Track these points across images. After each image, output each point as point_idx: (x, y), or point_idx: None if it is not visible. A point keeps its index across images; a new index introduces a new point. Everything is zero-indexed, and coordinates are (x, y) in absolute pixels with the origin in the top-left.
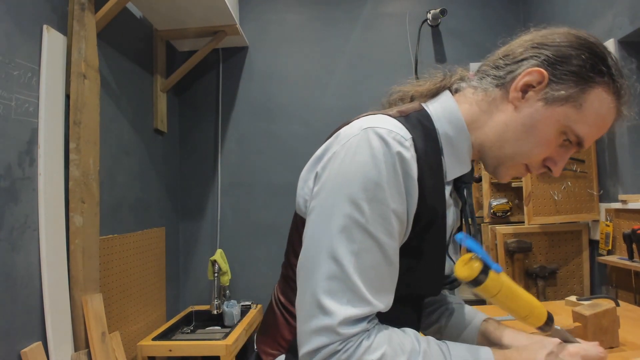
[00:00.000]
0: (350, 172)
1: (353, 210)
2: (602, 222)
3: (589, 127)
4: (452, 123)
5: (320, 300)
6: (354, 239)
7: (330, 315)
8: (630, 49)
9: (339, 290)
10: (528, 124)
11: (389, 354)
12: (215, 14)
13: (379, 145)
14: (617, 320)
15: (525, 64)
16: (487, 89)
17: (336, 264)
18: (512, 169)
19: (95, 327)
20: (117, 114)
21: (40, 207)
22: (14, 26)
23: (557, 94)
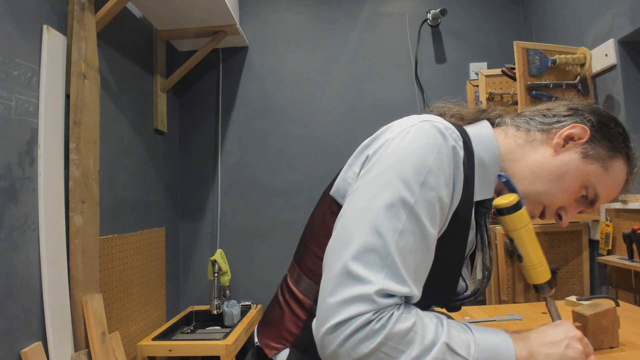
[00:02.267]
0: (404, 154)
1: (403, 189)
2: (602, 222)
3: (606, 189)
4: (487, 148)
5: (354, 270)
6: (400, 218)
7: (367, 284)
8: (630, 49)
9: (377, 264)
10: (562, 170)
11: (419, 323)
12: (215, 14)
13: (437, 135)
14: (617, 320)
15: (572, 119)
16: (530, 130)
17: (378, 237)
18: (532, 206)
19: (95, 327)
20: (117, 114)
21: (40, 207)
22: (14, 26)
23: (593, 152)
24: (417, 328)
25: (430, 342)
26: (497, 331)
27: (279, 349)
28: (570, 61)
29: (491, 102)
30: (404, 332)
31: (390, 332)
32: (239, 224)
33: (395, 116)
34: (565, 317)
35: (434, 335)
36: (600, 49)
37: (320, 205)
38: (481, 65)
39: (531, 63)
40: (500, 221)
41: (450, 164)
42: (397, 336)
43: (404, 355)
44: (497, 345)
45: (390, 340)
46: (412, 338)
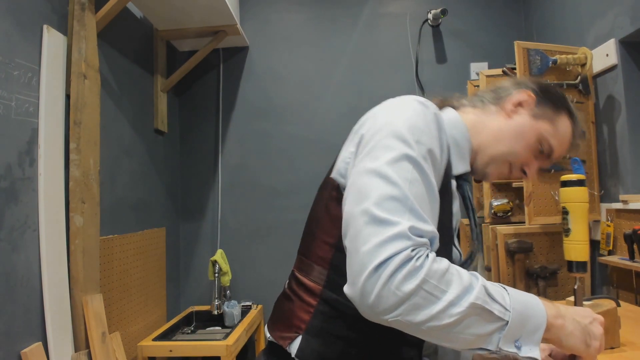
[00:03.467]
0: (395, 121)
1: (403, 146)
2: (603, 222)
3: (558, 142)
4: (456, 128)
5: (380, 215)
6: (407, 169)
7: (397, 224)
8: (631, 49)
9: (399, 209)
10: (518, 130)
11: (452, 265)
12: (216, 14)
13: (419, 105)
14: (618, 320)
15: (519, 87)
16: (485, 105)
17: (393, 185)
18: (500, 166)
19: (96, 327)
20: (118, 114)
21: (40, 207)
22: (14, 26)
23: (541, 112)
24: (453, 270)
25: (468, 284)
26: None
27: (292, 338)
28: (571, 61)
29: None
30: (442, 272)
31: (430, 269)
32: (239, 224)
33: None
34: None
35: (470, 279)
36: (601, 49)
37: (321, 193)
38: (482, 65)
39: (532, 63)
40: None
41: (435, 127)
42: (437, 274)
43: (446, 294)
44: (529, 299)
45: (432, 279)
46: (450, 278)
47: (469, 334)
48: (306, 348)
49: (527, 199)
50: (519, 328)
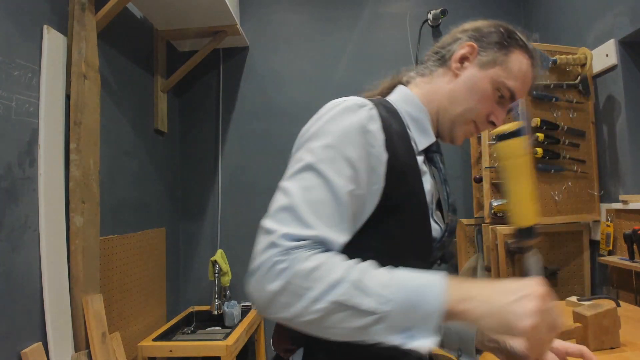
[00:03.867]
0: (310, 131)
1: (308, 155)
2: (602, 222)
3: (516, 81)
4: (409, 103)
5: (266, 226)
6: (304, 177)
7: (272, 233)
8: (631, 49)
9: (285, 219)
10: (470, 85)
11: (327, 263)
12: (216, 14)
13: (339, 108)
14: (618, 320)
15: (459, 42)
16: (432, 70)
17: (286, 196)
18: (465, 126)
19: (96, 327)
20: (118, 114)
21: (40, 207)
22: (14, 26)
23: (487, 59)
24: (325, 266)
25: (336, 280)
26: (434, 273)
27: (293, 350)
28: (571, 61)
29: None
30: (309, 270)
31: (295, 270)
32: (239, 225)
33: None
34: (566, 317)
35: (343, 273)
36: (600, 49)
37: None
38: None
39: None
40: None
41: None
42: (302, 274)
43: (310, 291)
44: (423, 283)
45: (296, 278)
46: (318, 276)
47: (342, 328)
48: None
49: None
50: (404, 318)
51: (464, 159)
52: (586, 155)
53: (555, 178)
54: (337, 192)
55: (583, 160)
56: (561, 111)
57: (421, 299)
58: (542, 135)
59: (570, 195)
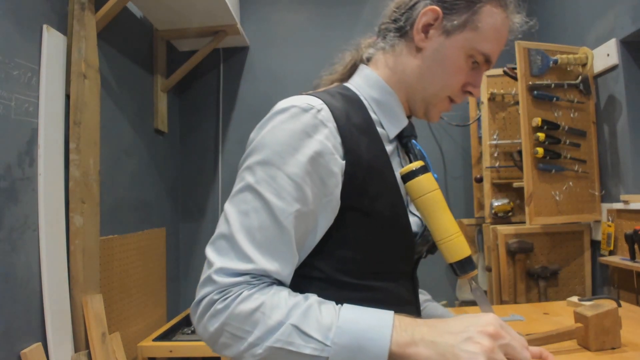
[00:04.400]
0: (255, 142)
1: (247, 174)
2: (603, 222)
3: (491, 43)
4: (373, 87)
5: (208, 255)
6: (244, 200)
7: (210, 265)
8: (632, 49)
9: (223, 248)
10: (439, 59)
11: (267, 304)
12: (216, 13)
13: (282, 117)
14: (619, 321)
15: (418, 7)
16: (394, 44)
17: (225, 223)
18: (440, 105)
19: (96, 327)
20: (118, 114)
21: (40, 207)
22: (13, 26)
23: (454, 23)
24: (264, 308)
25: (275, 323)
26: (381, 313)
27: None
28: (572, 61)
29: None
30: (247, 313)
31: (232, 312)
32: None
33: None
34: (567, 317)
35: (283, 316)
36: (602, 48)
37: None
38: None
39: (533, 63)
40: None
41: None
42: (240, 316)
43: (249, 335)
44: (369, 327)
45: (234, 321)
46: (257, 319)
47: None
48: None
49: (527, 200)
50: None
51: (465, 159)
52: (587, 155)
53: (556, 178)
54: (278, 215)
55: (584, 160)
56: (562, 111)
57: (365, 344)
58: (543, 135)
59: (571, 195)
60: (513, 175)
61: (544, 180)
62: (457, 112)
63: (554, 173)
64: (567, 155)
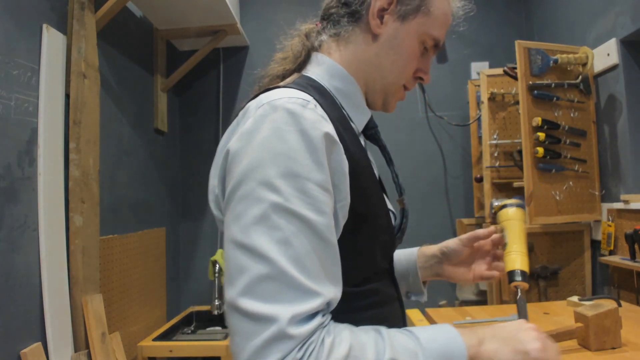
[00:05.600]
0: (255, 153)
1: (267, 193)
2: (604, 222)
3: (440, 27)
4: (335, 77)
5: (251, 310)
6: (277, 226)
7: (274, 321)
8: (632, 48)
9: (276, 292)
10: (395, 45)
11: (354, 346)
12: (216, 13)
13: (281, 115)
14: (619, 320)
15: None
16: (347, 29)
17: (262, 260)
18: (396, 93)
19: (96, 327)
20: (117, 113)
21: (40, 207)
22: (13, 25)
23: (408, 8)
24: (355, 352)
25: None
26: (442, 327)
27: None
28: (572, 61)
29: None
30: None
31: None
32: None
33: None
34: (568, 317)
35: (376, 353)
36: (602, 48)
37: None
38: (483, 64)
39: (533, 63)
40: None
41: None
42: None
43: None
44: (446, 342)
45: None
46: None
47: None
48: None
49: (527, 199)
50: None
51: (465, 159)
52: (587, 155)
53: (556, 178)
54: (323, 233)
55: (584, 160)
56: (562, 110)
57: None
58: (543, 135)
59: (572, 194)
60: (513, 175)
61: (544, 180)
62: (457, 112)
63: (554, 173)
64: (567, 155)
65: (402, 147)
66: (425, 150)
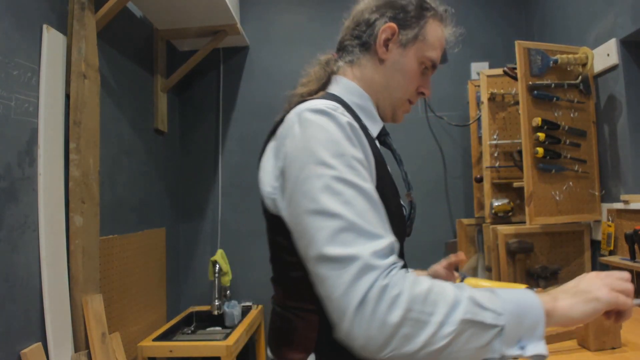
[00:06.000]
0: (306, 144)
1: (325, 169)
2: (604, 222)
3: (435, 50)
4: (353, 94)
5: (335, 256)
6: (338, 192)
7: (357, 258)
8: (632, 49)
9: (352, 239)
10: (399, 68)
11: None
12: (216, 13)
13: (320, 116)
14: None
15: (377, 24)
16: (360, 57)
17: (334, 218)
18: (404, 107)
19: (96, 327)
20: (118, 114)
21: (40, 207)
22: (13, 25)
23: (407, 37)
24: (436, 288)
25: (453, 300)
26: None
27: (303, 358)
28: (572, 61)
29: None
30: (425, 294)
31: (411, 295)
32: (239, 224)
33: None
34: None
35: (454, 293)
36: (602, 48)
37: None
38: (482, 65)
39: (533, 63)
40: None
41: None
42: (420, 298)
43: (433, 316)
44: (520, 295)
45: (416, 304)
46: (434, 299)
47: (468, 349)
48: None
49: (527, 199)
50: (517, 328)
51: (465, 159)
52: (587, 155)
53: (556, 178)
54: (372, 197)
55: (584, 160)
56: (562, 111)
57: (526, 308)
58: (543, 135)
59: (571, 195)
60: (513, 175)
61: (544, 180)
62: (457, 112)
63: (554, 173)
64: (567, 155)
65: (402, 147)
66: (425, 150)
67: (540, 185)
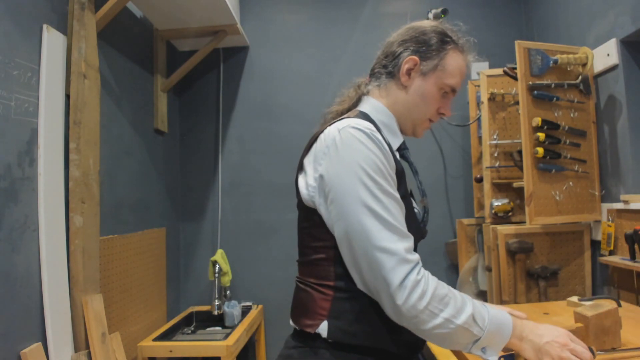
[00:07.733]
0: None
1: (368, 181)
2: (603, 222)
3: (455, 78)
4: (380, 112)
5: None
6: (379, 199)
7: (397, 253)
8: (632, 49)
9: (391, 236)
10: (419, 94)
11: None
12: (216, 13)
13: (359, 133)
14: (619, 321)
15: (402, 56)
16: (386, 83)
17: (377, 218)
18: (424, 125)
19: (96, 327)
20: (118, 114)
21: (40, 207)
22: (13, 26)
23: (428, 67)
24: (451, 294)
25: (460, 307)
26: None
27: (317, 325)
28: (572, 61)
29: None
30: (443, 296)
31: (434, 293)
32: (239, 224)
33: None
34: (567, 317)
35: (463, 302)
36: (602, 48)
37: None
38: (483, 65)
39: (533, 63)
40: None
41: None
42: (438, 297)
43: (443, 312)
44: (503, 322)
45: (434, 301)
46: (447, 301)
47: (455, 341)
48: (334, 329)
49: (527, 199)
50: (487, 341)
51: (465, 159)
52: (587, 155)
53: (556, 178)
54: (400, 202)
55: (584, 160)
56: (562, 111)
57: (501, 332)
58: (543, 135)
59: (571, 195)
60: (513, 175)
61: (544, 180)
62: (457, 112)
63: (554, 173)
64: (567, 155)
65: None
66: (425, 150)
67: (540, 185)
